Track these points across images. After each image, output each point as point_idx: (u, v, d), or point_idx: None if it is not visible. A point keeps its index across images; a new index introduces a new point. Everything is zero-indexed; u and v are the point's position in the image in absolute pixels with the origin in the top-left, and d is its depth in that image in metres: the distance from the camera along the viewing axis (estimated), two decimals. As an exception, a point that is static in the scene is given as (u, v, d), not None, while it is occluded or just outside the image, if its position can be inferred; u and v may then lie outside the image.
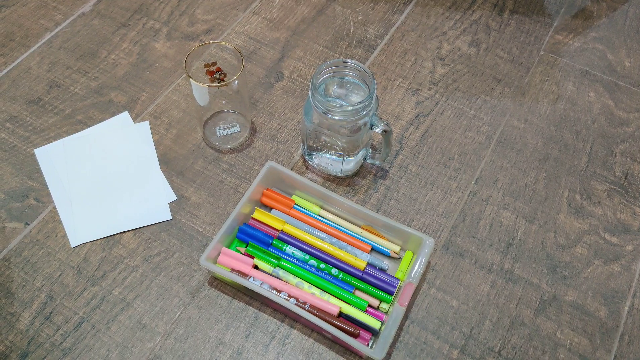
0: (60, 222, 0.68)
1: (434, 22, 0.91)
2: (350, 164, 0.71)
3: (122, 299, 0.63)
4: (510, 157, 0.76)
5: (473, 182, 0.74)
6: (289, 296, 0.60)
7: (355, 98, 0.66)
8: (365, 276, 0.63)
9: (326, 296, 0.61)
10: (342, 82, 0.66)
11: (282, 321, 0.63)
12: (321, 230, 0.67)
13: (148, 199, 0.70)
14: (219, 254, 0.63)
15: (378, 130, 0.65)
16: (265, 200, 0.69)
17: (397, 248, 0.66)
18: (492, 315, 0.64)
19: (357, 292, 0.62)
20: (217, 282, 0.65)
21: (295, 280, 0.62)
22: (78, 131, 0.76)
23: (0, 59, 0.83)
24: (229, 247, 0.65)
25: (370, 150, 0.73)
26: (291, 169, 0.73)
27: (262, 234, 0.65)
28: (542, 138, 0.78)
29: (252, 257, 0.63)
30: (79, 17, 0.89)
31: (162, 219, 0.69)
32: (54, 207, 0.70)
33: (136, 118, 0.78)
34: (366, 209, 0.66)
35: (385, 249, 0.66)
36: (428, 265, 0.67)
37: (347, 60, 0.64)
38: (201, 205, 0.70)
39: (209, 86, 0.66)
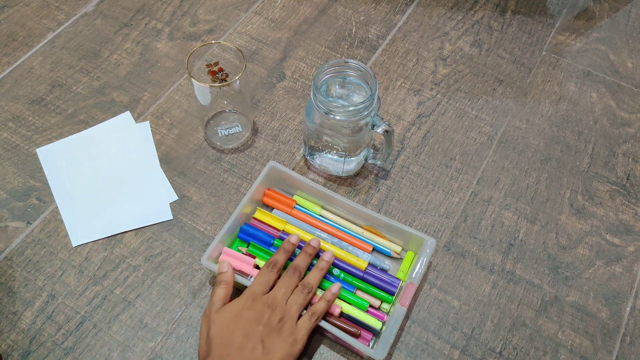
0: (62, 221, 0.69)
1: (435, 22, 0.91)
2: (351, 164, 0.71)
3: (124, 298, 0.64)
4: (512, 158, 0.76)
5: (474, 183, 0.74)
6: (290, 296, 0.60)
7: (357, 98, 0.66)
8: (366, 276, 0.63)
9: (327, 296, 0.61)
10: (344, 82, 0.66)
11: (283, 321, 0.63)
12: (322, 230, 0.67)
13: (149, 198, 0.71)
14: (220, 254, 0.63)
15: (380, 130, 0.65)
16: (266, 200, 0.69)
17: (398, 248, 0.66)
18: (494, 316, 0.64)
19: (359, 292, 0.62)
20: (218, 282, 0.65)
21: (297, 280, 0.62)
22: (80, 131, 0.76)
23: (3, 58, 0.83)
24: (230, 246, 0.65)
25: (372, 151, 0.73)
26: (293, 169, 0.73)
27: (263, 234, 0.65)
28: (543, 139, 0.78)
29: (254, 257, 0.63)
30: (82, 17, 0.89)
31: (163, 218, 0.69)
32: (56, 207, 0.70)
33: (138, 118, 0.78)
34: (367, 209, 0.65)
35: (386, 249, 0.66)
36: (429, 266, 0.67)
37: (349, 60, 0.64)
38: (203, 205, 0.70)
39: (211, 86, 0.66)
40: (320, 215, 0.68)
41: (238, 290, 0.64)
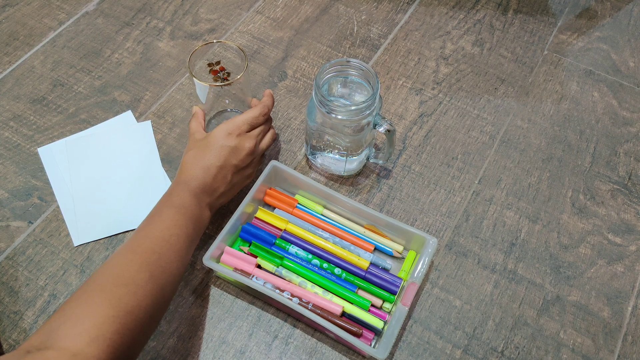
0: (63, 221, 0.69)
1: (437, 21, 0.91)
2: (353, 164, 0.71)
3: (126, 297, 0.63)
4: (513, 157, 0.76)
5: (476, 182, 0.74)
6: (292, 295, 0.60)
7: (359, 97, 0.66)
8: (368, 276, 0.63)
9: (329, 296, 0.61)
10: (346, 81, 0.66)
11: (285, 320, 0.63)
12: (324, 229, 0.67)
13: (151, 198, 0.70)
14: (222, 253, 0.63)
15: (381, 129, 0.65)
16: (268, 199, 0.69)
17: (400, 248, 0.66)
18: (495, 315, 0.64)
19: (360, 292, 0.62)
20: (220, 282, 0.65)
21: (299, 279, 0.62)
22: (81, 130, 0.76)
23: (4, 57, 0.83)
24: (232, 246, 0.65)
25: (374, 150, 0.73)
26: (294, 169, 0.73)
27: (265, 233, 0.65)
28: (545, 138, 0.78)
29: (255, 257, 0.63)
30: (83, 16, 0.89)
31: (165, 218, 0.69)
32: (58, 206, 0.70)
33: (139, 117, 0.78)
34: (369, 208, 0.65)
35: (388, 249, 0.66)
36: (431, 265, 0.67)
37: (351, 59, 0.64)
38: (204, 204, 0.70)
39: (212, 85, 0.66)
40: (322, 215, 0.68)
41: (240, 289, 0.64)
